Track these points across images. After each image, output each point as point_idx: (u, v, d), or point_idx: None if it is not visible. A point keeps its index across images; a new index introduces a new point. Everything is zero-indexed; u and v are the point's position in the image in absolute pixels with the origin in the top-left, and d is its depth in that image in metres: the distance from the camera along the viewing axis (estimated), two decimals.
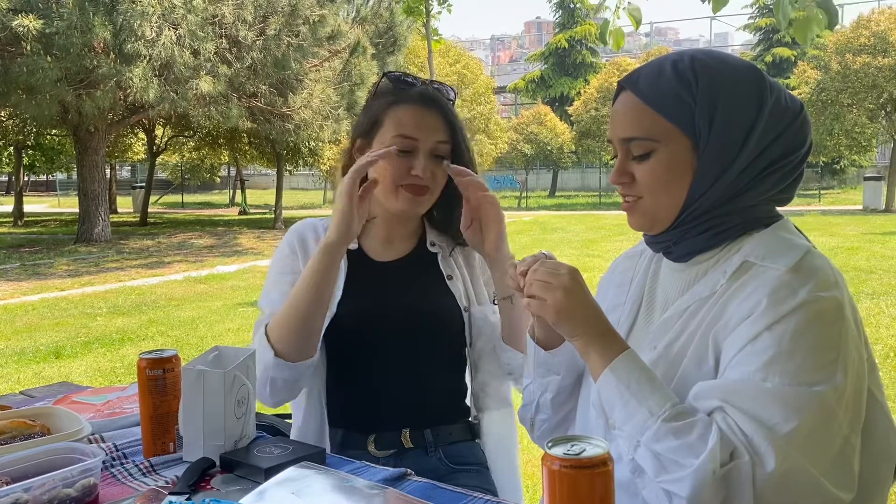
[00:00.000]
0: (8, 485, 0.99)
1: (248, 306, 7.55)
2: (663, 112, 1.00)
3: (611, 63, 30.94)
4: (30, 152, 22.28)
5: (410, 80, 1.47)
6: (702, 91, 0.99)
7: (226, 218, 21.83)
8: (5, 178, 35.18)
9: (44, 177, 34.65)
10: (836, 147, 21.66)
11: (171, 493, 1.03)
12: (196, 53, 11.08)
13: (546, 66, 37.84)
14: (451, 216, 1.51)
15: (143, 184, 22.61)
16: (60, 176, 31.08)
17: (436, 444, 1.46)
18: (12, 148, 21.34)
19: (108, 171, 18.40)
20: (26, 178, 29.71)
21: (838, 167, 28.43)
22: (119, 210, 24.24)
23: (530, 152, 28.03)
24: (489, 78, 28.05)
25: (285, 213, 18.67)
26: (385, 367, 1.47)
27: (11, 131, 18.34)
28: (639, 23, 2.82)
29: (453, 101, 1.50)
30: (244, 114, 12.65)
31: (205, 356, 1.21)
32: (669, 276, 1.09)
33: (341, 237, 1.33)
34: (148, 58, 10.57)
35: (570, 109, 29.57)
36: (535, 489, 2.92)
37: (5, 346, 6.05)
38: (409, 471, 1.13)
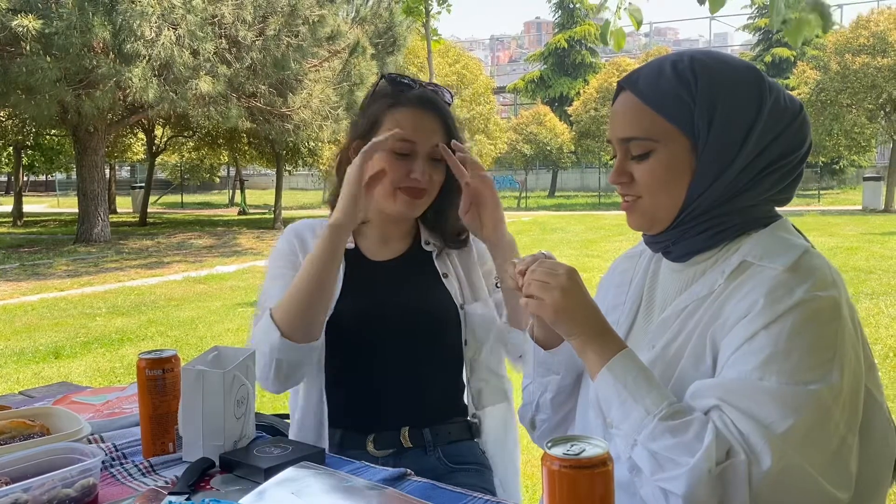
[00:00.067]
0: (7, 485, 0.99)
1: (247, 306, 7.54)
2: (662, 112, 1.00)
3: (610, 63, 30.96)
4: (29, 152, 22.29)
5: (408, 83, 1.47)
6: (701, 91, 0.99)
7: (225, 218, 21.82)
8: (4, 179, 35.16)
9: (43, 177, 34.69)
10: (836, 147, 21.67)
11: (170, 494, 1.03)
12: (195, 53, 11.08)
13: (545, 66, 37.86)
14: (445, 215, 1.52)
15: (143, 184, 22.62)
16: (60, 176, 31.08)
17: (435, 443, 1.47)
18: (11, 148, 21.36)
19: (107, 171, 18.39)
20: (26, 179, 29.72)
21: (837, 167, 28.46)
22: (118, 210, 24.23)
23: (530, 152, 28.04)
24: (488, 78, 28.04)
25: (285, 214, 18.66)
26: (384, 366, 1.47)
27: (11, 131, 18.33)
28: (640, 23, 2.82)
29: (450, 104, 1.51)
30: (243, 114, 12.64)
31: (204, 356, 1.21)
32: (668, 276, 1.09)
33: (348, 217, 1.33)
34: (147, 58, 10.56)
35: (570, 110, 29.59)
36: (534, 489, 2.92)
37: (4, 346, 6.05)
38: (409, 471, 1.13)
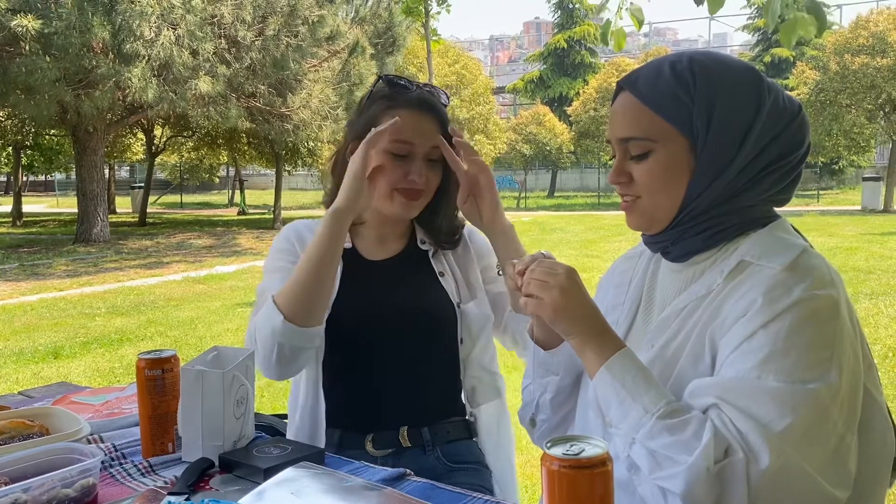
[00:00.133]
0: (7, 485, 0.99)
1: (247, 306, 7.54)
2: (661, 112, 1.00)
3: (609, 63, 30.97)
4: (28, 152, 22.29)
5: (406, 84, 1.48)
6: (700, 91, 0.99)
7: (225, 218, 21.82)
8: (4, 179, 35.15)
9: (42, 177, 34.69)
10: (835, 147, 21.69)
11: (169, 494, 1.03)
12: (195, 53, 11.08)
13: (545, 66, 37.85)
14: (440, 215, 1.53)
15: (142, 184, 22.61)
16: (59, 176, 31.08)
17: (433, 442, 1.47)
18: (11, 148, 21.34)
19: (106, 171, 18.40)
20: (25, 179, 29.71)
21: (837, 167, 28.46)
22: (118, 210, 24.22)
23: (529, 153, 28.03)
24: (488, 78, 28.05)
25: (284, 214, 18.66)
26: (382, 365, 1.47)
27: (10, 131, 18.34)
28: (641, 23, 2.82)
29: (446, 105, 1.52)
30: (243, 114, 12.65)
31: (203, 356, 1.21)
32: (668, 277, 1.10)
33: (350, 203, 1.34)
34: (147, 58, 10.56)
35: (569, 110, 29.58)
36: (534, 489, 2.92)
37: (4, 346, 6.05)
38: (408, 471, 1.13)
